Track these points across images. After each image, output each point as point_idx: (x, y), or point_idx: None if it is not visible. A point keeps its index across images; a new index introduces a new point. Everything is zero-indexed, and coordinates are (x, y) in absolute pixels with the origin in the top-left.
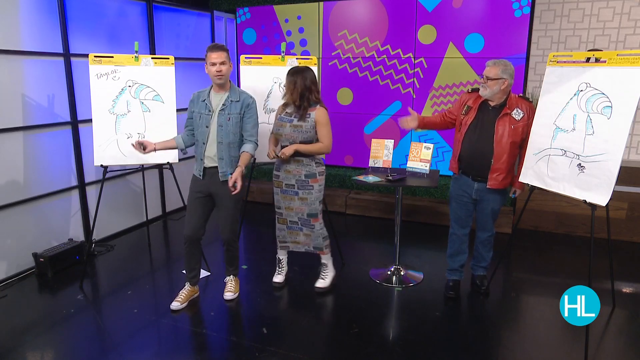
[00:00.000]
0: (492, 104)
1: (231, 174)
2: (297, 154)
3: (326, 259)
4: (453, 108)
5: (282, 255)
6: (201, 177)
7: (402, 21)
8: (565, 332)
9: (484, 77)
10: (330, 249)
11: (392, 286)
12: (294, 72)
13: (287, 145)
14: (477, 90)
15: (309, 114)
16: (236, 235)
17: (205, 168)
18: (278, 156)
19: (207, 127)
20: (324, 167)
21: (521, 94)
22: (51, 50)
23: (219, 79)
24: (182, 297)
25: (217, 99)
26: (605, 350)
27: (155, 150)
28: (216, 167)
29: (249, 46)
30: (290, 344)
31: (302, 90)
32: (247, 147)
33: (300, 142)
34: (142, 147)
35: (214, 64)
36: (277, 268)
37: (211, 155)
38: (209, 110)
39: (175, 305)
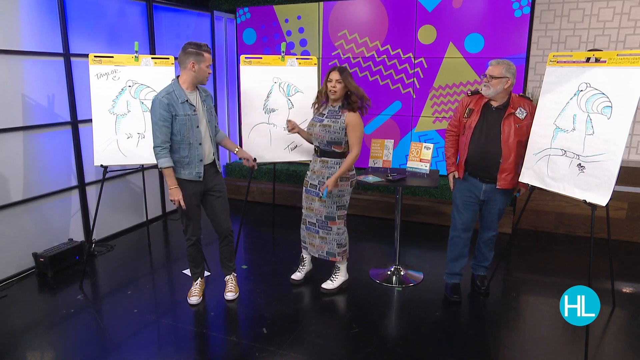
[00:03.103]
0: (495, 104)
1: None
2: (324, 154)
3: (340, 263)
4: (455, 118)
5: (305, 254)
6: (201, 179)
7: (402, 21)
8: (565, 332)
9: (487, 76)
10: (347, 256)
11: (392, 286)
12: (343, 70)
13: (317, 145)
14: (477, 92)
15: (341, 115)
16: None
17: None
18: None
19: (198, 127)
20: (353, 173)
21: (522, 93)
22: (51, 50)
23: (207, 80)
24: (197, 291)
25: (194, 97)
26: (605, 350)
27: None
28: (211, 163)
29: (249, 46)
30: (290, 344)
31: (347, 91)
32: (222, 133)
33: (328, 142)
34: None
35: (208, 66)
36: (299, 266)
37: (208, 152)
38: (194, 110)
39: (194, 300)
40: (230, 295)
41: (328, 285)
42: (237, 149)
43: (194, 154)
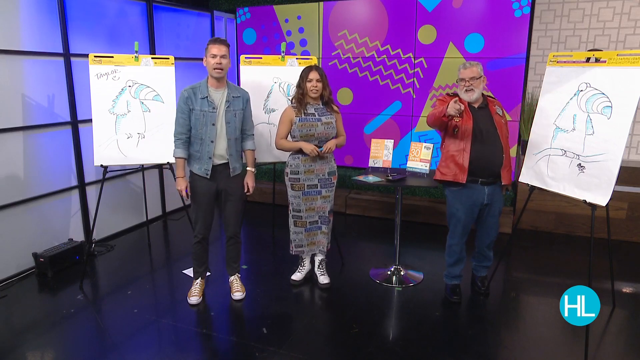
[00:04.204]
0: (476, 105)
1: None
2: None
3: (325, 253)
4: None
5: (304, 255)
6: (208, 177)
7: (402, 21)
8: (565, 332)
9: (467, 80)
10: None
11: (392, 286)
12: (320, 69)
13: (316, 144)
14: (456, 94)
15: (330, 112)
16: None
17: (213, 166)
18: (319, 153)
19: (213, 124)
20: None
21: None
22: (51, 50)
23: (218, 73)
24: (197, 291)
25: (218, 96)
26: (605, 350)
27: None
28: (224, 163)
29: (249, 46)
30: (290, 344)
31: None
32: (251, 144)
33: (331, 138)
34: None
35: (214, 56)
36: (299, 266)
37: (221, 152)
38: (213, 108)
39: (194, 300)
40: (238, 295)
41: (325, 279)
42: (248, 169)
43: (204, 150)
